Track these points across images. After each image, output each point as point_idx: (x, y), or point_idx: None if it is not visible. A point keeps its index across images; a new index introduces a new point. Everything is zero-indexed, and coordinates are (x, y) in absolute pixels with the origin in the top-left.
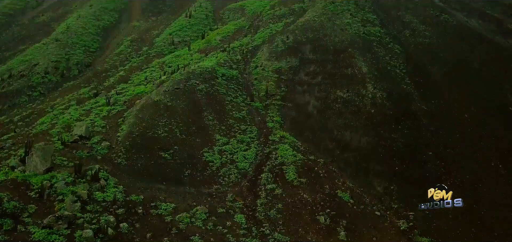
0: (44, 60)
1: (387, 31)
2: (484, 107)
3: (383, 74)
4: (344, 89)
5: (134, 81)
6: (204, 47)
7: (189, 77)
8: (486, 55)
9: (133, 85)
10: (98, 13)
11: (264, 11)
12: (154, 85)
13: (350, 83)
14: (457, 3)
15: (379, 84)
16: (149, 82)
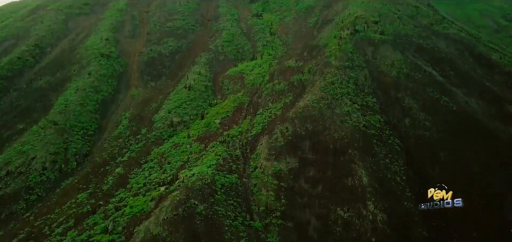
0: (42, 152)
1: (387, 118)
2: (486, 231)
3: (384, 186)
4: (345, 207)
5: (133, 187)
6: (203, 132)
7: (188, 195)
8: (487, 156)
9: (132, 194)
10: (96, 83)
11: (263, 82)
12: (153, 201)
13: (350, 198)
14: (457, 77)
15: (379, 202)
16: (148, 191)
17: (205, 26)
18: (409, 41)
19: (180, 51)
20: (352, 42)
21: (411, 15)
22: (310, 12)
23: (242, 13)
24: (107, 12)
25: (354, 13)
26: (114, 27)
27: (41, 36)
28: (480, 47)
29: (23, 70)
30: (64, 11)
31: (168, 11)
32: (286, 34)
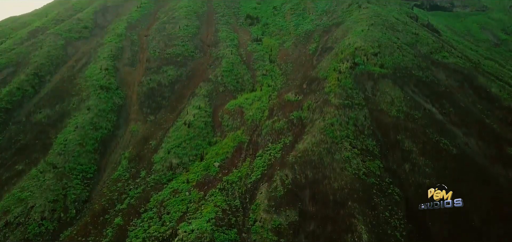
0: (41, 200)
1: (387, 164)
2: None
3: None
4: None
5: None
6: (202, 176)
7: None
8: (487, 206)
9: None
10: (95, 119)
11: (263, 118)
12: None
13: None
14: (457, 114)
15: None
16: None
17: (205, 53)
18: (409, 74)
19: (179, 80)
20: (352, 77)
21: (411, 43)
22: (309, 37)
23: (242, 37)
24: (106, 36)
25: (354, 43)
26: (113, 55)
27: (40, 64)
28: (480, 78)
29: (22, 101)
30: (63, 36)
31: (168, 35)
32: (285, 62)
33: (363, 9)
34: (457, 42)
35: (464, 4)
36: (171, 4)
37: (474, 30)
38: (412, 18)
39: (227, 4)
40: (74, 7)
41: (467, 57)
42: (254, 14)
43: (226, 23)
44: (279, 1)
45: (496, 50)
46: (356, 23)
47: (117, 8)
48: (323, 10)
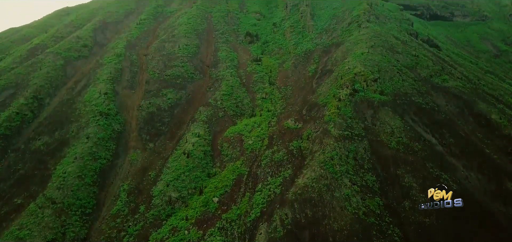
0: (40, 238)
1: (387, 201)
2: None
3: None
4: None
5: None
6: (201, 212)
7: None
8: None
9: None
10: (94, 149)
11: (262, 148)
12: None
13: None
14: (457, 145)
15: None
16: None
17: (204, 74)
18: (409, 100)
19: (179, 104)
20: (351, 105)
21: (411, 65)
22: (309, 58)
23: (241, 57)
24: (106, 55)
25: (354, 68)
26: (113, 77)
27: (39, 86)
28: (480, 104)
29: (21, 127)
30: (63, 55)
31: (167, 55)
32: (285, 84)
33: (363, 28)
34: (457, 56)
35: (464, 14)
36: (170, 20)
37: (474, 40)
38: (412, 35)
39: (227, 20)
40: (73, 23)
41: (467, 77)
42: (253, 31)
43: (225, 41)
44: (278, 18)
45: (496, 61)
46: (355, 44)
47: (116, 24)
48: (323, 28)
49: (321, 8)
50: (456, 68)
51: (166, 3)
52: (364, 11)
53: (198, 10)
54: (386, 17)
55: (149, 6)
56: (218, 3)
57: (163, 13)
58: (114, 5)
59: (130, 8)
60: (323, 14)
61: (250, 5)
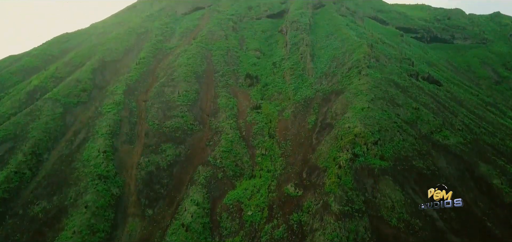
0: None
1: None
2: None
3: None
4: None
5: None
6: None
7: None
8: None
9: None
10: (93, 220)
11: (262, 221)
12: None
13: None
14: (458, 220)
15: None
16: None
17: (204, 124)
18: (410, 165)
19: (178, 162)
20: (351, 173)
21: (412, 120)
22: (308, 106)
23: (241, 103)
24: (105, 102)
25: (354, 127)
26: (112, 130)
27: (38, 139)
28: (481, 167)
29: (20, 187)
30: (62, 101)
31: (167, 102)
32: (285, 138)
33: (363, 76)
34: (458, 86)
35: (464, 36)
36: (170, 58)
37: (474, 65)
38: (412, 76)
39: (227, 60)
40: (73, 62)
41: (467, 126)
42: (253, 72)
43: (225, 84)
44: (278, 57)
45: (497, 88)
46: (356, 96)
47: (115, 63)
48: (323, 72)
49: (321, 47)
50: (457, 115)
51: (165, 38)
52: (364, 55)
53: (197, 47)
54: (387, 57)
55: (149, 42)
56: (217, 40)
57: (163, 49)
58: (114, 41)
59: (130, 44)
60: (323, 55)
61: (249, 41)
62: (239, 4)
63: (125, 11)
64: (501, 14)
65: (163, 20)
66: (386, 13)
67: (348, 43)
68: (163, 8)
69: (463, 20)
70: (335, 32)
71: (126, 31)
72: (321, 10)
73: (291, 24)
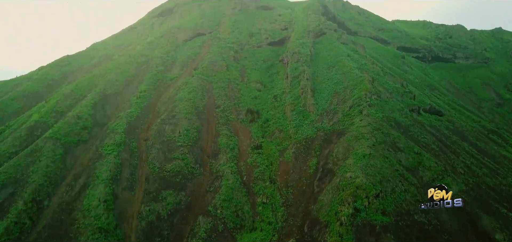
0: None
1: None
2: None
3: None
4: None
5: None
6: None
7: None
8: None
9: None
10: None
11: None
12: None
13: None
14: None
15: None
16: None
17: (205, 167)
18: (412, 221)
19: (179, 210)
20: (353, 230)
21: (413, 166)
22: (309, 147)
23: (242, 142)
24: (105, 142)
25: (355, 177)
26: (112, 176)
27: (38, 185)
28: (484, 219)
29: (20, 239)
30: (62, 141)
31: (167, 142)
32: (286, 184)
33: (364, 115)
34: (459, 112)
35: (466, 56)
36: (171, 91)
37: (476, 87)
38: (414, 110)
39: (228, 93)
40: (73, 94)
41: (469, 167)
42: (254, 106)
43: (226, 121)
44: (279, 89)
45: (498, 111)
46: (357, 139)
47: (116, 97)
48: (324, 109)
49: (322, 81)
50: (459, 155)
51: (166, 68)
52: (365, 92)
53: (198, 79)
54: (388, 91)
55: (150, 73)
56: (219, 71)
57: (164, 80)
58: (114, 72)
59: (130, 75)
60: (324, 90)
61: (250, 73)
62: (239, 30)
63: (126, 32)
64: (502, 30)
65: (163, 48)
66: (388, 32)
67: (349, 77)
68: (164, 35)
69: (464, 37)
70: (336, 64)
71: (127, 60)
72: (322, 39)
73: (292, 55)
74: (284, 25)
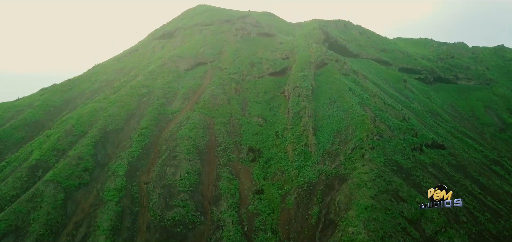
0: None
1: None
2: None
3: None
4: None
5: None
6: None
7: None
8: None
9: None
10: None
11: None
12: None
13: None
14: None
15: None
16: None
17: (206, 215)
18: None
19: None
20: None
21: (416, 218)
22: (311, 193)
23: (243, 185)
24: (107, 186)
25: (357, 234)
26: (113, 225)
27: (39, 234)
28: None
29: None
30: (63, 185)
31: (168, 186)
32: (288, 236)
33: (366, 160)
34: (462, 141)
35: (468, 77)
36: (172, 127)
37: (478, 110)
38: (416, 149)
39: (229, 129)
40: (74, 130)
41: (472, 214)
42: (256, 144)
43: (227, 161)
44: (280, 125)
45: (501, 137)
46: (359, 188)
47: (117, 133)
48: (325, 149)
49: (323, 118)
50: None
51: (168, 101)
52: (367, 134)
53: (199, 114)
54: (390, 128)
55: (151, 106)
56: (220, 105)
57: (165, 114)
58: (116, 105)
59: (132, 108)
60: (325, 128)
61: (252, 106)
62: (241, 60)
63: (127, 55)
64: (504, 47)
65: (165, 78)
66: (389, 52)
67: (351, 115)
68: (165, 63)
69: (466, 56)
70: (338, 99)
71: (128, 92)
72: (324, 70)
73: (293, 90)
74: (285, 54)
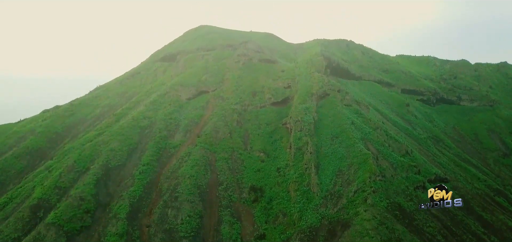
0: None
1: None
2: None
3: None
4: None
5: None
6: None
7: None
8: None
9: None
10: None
11: None
12: None
13: None
14: None
15: None
16: None
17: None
18: None
19: None
20: None
21: None
22: (314, 240)
23: (245, 229)
24: (108, 230)
25: None
26: None
27: None
28: None
29: None
30: (65, 228)
31: (170, 230)
32: None
33: (369, 205)
34: (465, 170)
35: (471, 98)
36: (174, 162)
37: (481, 134)
38: (419, 187)
39: (231, 165)
40: (76, 167)
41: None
42: (257, 182)
43: (229, 202)
44: (282, 161)
45: (504, 162)
46: (361, 237)
47: (119, 170)
48: (328, 190)
49: (326, 154)
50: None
51: (169, 133)
52: (369, 175)
53: (201, 149)
54: (393, 166)
55: (153, 140)
56: (222, 139)
57: (167, 148)
58: (117, 139)
59: (133, 142)
60: (328, 166)
61: (253, 140)
62: (243, 89)
63: (129, 78)
64: (507, 64)
65: (167, 109)
66: (392, 73)
67: (353, 153)
68: (167, 92)
69: (469, 74)
70: (340, 134)
71: (130, 124)
72: (326, 101)
73: (295, 123)
74: (287, 83)
